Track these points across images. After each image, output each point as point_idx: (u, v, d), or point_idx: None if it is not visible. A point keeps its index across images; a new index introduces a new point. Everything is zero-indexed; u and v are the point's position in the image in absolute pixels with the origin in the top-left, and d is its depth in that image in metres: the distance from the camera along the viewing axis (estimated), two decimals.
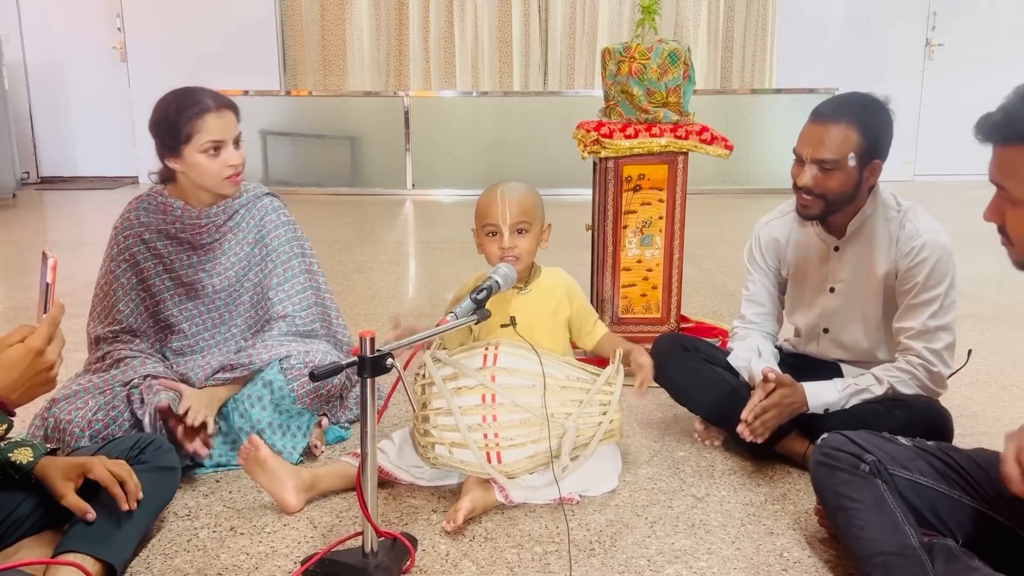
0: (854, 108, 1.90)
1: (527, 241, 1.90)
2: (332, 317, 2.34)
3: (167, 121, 2.00)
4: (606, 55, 2.74)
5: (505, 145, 7.21)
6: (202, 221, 2.12)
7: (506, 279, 1.80)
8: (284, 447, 2.05)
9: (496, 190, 1.92)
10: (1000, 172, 1.27)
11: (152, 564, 1.66)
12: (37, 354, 1.31)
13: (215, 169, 2.02)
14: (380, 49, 7.58)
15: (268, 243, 2.20)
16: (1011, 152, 1.25)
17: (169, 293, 2.14)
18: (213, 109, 2.00)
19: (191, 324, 2.16)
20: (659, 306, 2.80)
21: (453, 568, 1.64)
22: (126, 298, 2.11)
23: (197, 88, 2.04)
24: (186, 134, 1.99)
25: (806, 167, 1.93)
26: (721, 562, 1.66)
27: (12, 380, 1.30)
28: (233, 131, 2.04)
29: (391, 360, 1.47)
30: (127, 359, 2.05)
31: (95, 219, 6.02)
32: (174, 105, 2.00)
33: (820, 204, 1.95)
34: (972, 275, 2.60)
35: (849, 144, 1.88)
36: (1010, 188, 1.26)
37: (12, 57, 7.38)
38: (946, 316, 1.92)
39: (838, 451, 1.59)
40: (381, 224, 5.94)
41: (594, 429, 1.85)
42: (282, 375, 2.06)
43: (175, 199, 2.11)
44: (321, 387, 2.10)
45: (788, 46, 7.48)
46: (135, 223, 2.11)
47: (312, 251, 2.31)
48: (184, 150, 2.00)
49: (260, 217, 2.21)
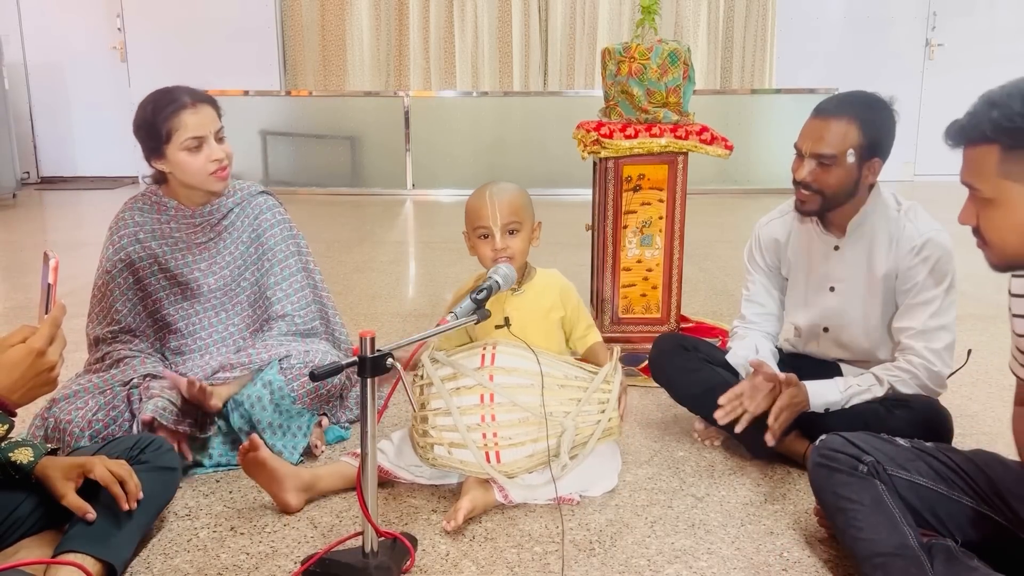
0: (856, 105, 1.91)
1: (519, 241, 1.90)
2: (330, 315, 2.34)
3: (146, 123, 2.00)
4: (606, 55, 2.74)
5: (505, 145, 7.21)
6: (196, 220, 2.13)
7: (506, 279, 1.80)
8: (284, 447, 2.05)
9: (485, 192, 1.92)
10: (970, 173, 1.31)
11: (152, 564, 1.66)
12: (38, 355, 1.31)
13: (198, 165, 2.02)
14: (380, 49, 7.58)
15: (264, 242, 2.21)
16: (978, 152, 1.28)
17: (165, 292, 2.14)
18: (189, 105, 1.99)
19: (188, 323, 2.16)
20: (659, 306, 2.80)
21: (453, 568, 1.64)
22: (123, 298, 2.11)
23: (174, 87, 2.04)
24: (165, 133, 1.99)
25: (805, 161, 1.93)
26: (721, 562, 1.66)
27: (13, 380, 1.30)
28: (213, 125, 2.03)
29: (391, 360, 1.47)
30: (127, 359, 2.06)
31: (95, 219, 6.02)
32: (151, 106, 2.00)
33: (818, 200, 1.95)
34: (972, 275, 2.59)
35: (849, 140, 1.88)
36: (981, 188, 1.29)
37: (12, 57, 7.38)
38: (946, 316, 1.92)
39: (836, 452, 1.59)
40: (381, 224, 5.94)
41: (593, 427, 1.85)
42: (282, 375, 2.06)
43: (169, 198, 2.12)
44: (321, 387, 2.10)
45: (788, 46, 7.48)
46: (130, 223, 2.12)
47: (308, 249, 2.31)
48: (167, 150, 2.01)
49: (255, 216, 2.21)
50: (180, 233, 2.13)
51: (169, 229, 2.13)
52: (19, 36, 7.60)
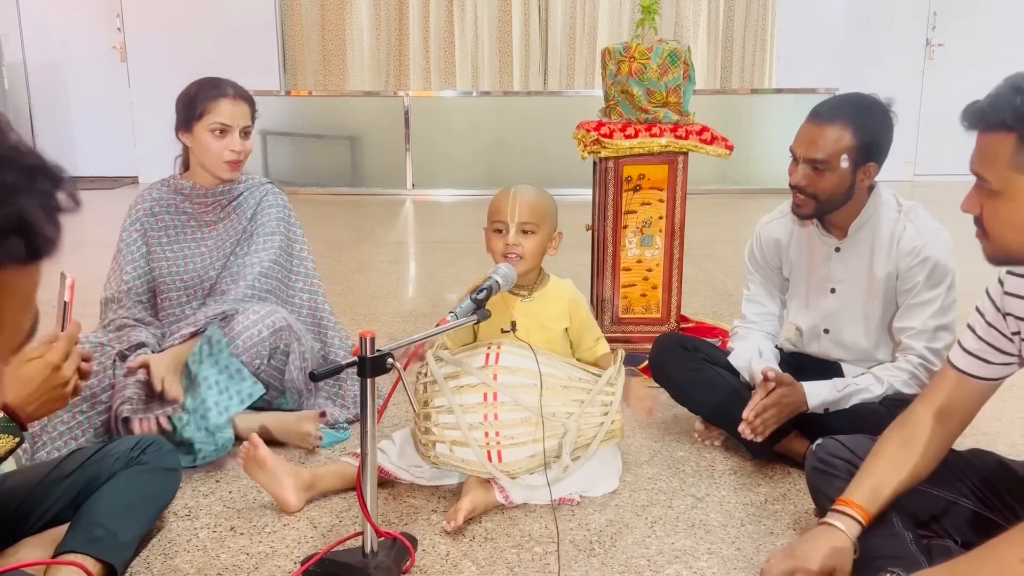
0: (850, 109, 1.90)
1: (532, 242, 1.89)
2: (319, 302, 2.39)
3: (188, 97, 2.20)
4: (606, 55, 2.74)
5: (505, 145, 7.21)
6: (208, 200, 2.29)
7: (506, 279, 1.80)
8: (216, 403, 2.04)
9: (510, 189, 1.93)
10: (981, 161, 1.27)
11: (152, 564, 1.66)
12: (54, 369, 1.34)
13: (216, 149, 2.18)
14: (380, 49, 7.58)
15: (258, 219, 2.32)
16: (992, 139, 1.24)
17: (168, 263, 2.25)
18: (230, 96, 2.20)
19: (185, 293, 2.25)
20: (659, 306, 2.80)
21: (453, 568, 1.64)
22: (132, 263, 2.26)
23: (224, 79, 2.25)
24: (199, 112, 2.17)
25: (799, 166, 1.93)
26: (721, 562, 1.66)
27: (28, 394, 1.33)
28: (243, 120, 2.21)
29: (391, 360, 1.47)
30: (126, 327, 2.17)
31: (95, 219, 6.00)
32: (197, 85, 2.21)
33: (812, 204, 1.95)
34: (972, 275, 2.59)
35: (842, 145, 1.88)
36: (989, 178, 1.25)
37: (12, 57, 7.38)
38: (946, 316, 1.92)
39: (833, 457, 1.59)
40: (381, 224, 5.93)
41: (595, 429, 1.85)
42: (220, 330, 2.11)
43: (187, 180, 2.28)
44: (262, 349, 2.11)
45: (788, 46, 7.48)
46: (148, 199, 2.30)
47: (305, 239, 2.41)
48: (195, 126, 2.18)
49: (259, 199, 2.34)
50: (192, 210, 2.29)
51: (184, 206, 2.29)
52: (19, 36, 7.59)
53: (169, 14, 7.33)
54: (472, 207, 6.46)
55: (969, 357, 1.46)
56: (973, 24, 7.36)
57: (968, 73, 7.12)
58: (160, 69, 7.10)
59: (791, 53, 7.48)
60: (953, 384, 1.48)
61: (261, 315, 2.13)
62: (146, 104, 7.28)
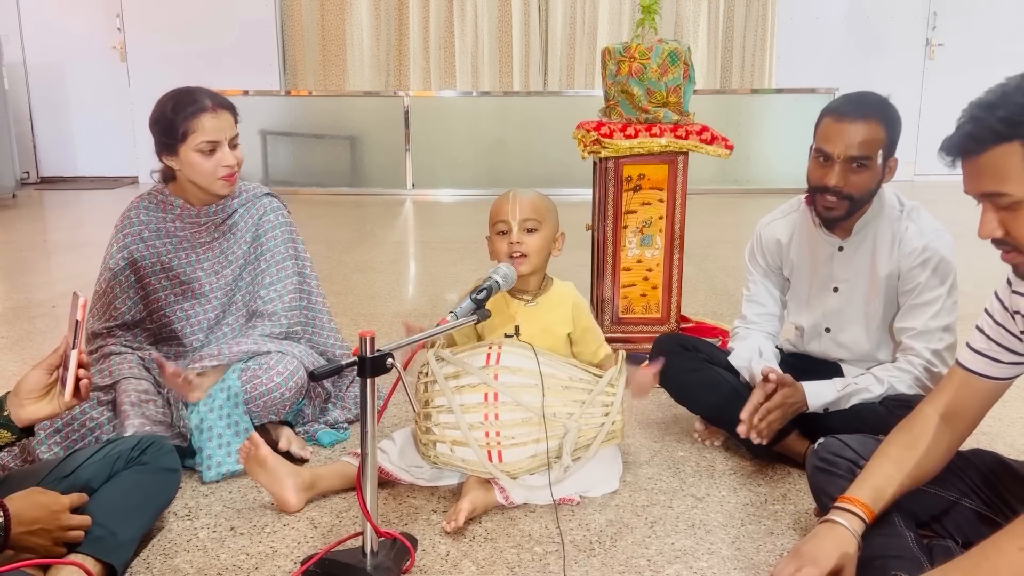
0: (877, 106, 1.89)
1: (535, 240, 1.90)
2: (324, 321, 2.33)
3: (164, 119, 2.01)
4: (606, 55, 2.74)
5: (505, 145, 7.21)
6: (201, 220, 2.15)
7: (506, 279, 1.80)
8: (210, 456, 1.99)
9: (510, 191, 1.95)
10: (992, 179, 1.21)
11: (152, 564, 1.66)
12: (62, 509, 1.44)
13: (209, 168, 2.03)
14: (380, 49, 7.58)
15: (264, 243, 2.21)
16: (996, 156, 1.19)
17: (166, 292, 2.15)
18: (210, 109, 2.01)
19: (187, 323, 2.16)
20: (659, 306, 2.80)
21: (453, 568, 1.64)
22: (124, 295, 2.13)
23: (196, 88, 2.05)
24: (182, 133, 2.00)
25: (836, 166, 1.88)
26: (721, 562, 1.66)
27: (28, 515, 1.40)
28: (229, 132, 2.05)
29: (391, 360, 1.47)
30: (112, 356, 2.08)
31: (95, 219, 6.02)
32: (171, 104, 2.02)
33: (846, 205, 1.91)
34: (972, 275, 2.59)
35: (879, 141, 1.87)
36: (1008, 190, 1.20)
37: (12, 57, 7.38)
38: (947, 317, 1.92)
39: (835, 456, 1.59)
40: (381, 224, 5.94)
41: (596, 430, 1.84)
42: (239, 381, 2.03)
43: (176, 197, 2.14)
44: (281, 408, 2.07)
45: (788, 46, 7.48)
46: (135, 221, 2.14)
47: (307, 255, 2.31)
48: (180, 149, 2.02)
49: (259, 217, 2.22)
50: (184, 232, 2.15)
51: (174, 228, 2.14)
52: (19, 36, 7.60)
53: (169, 14, 7.33)
54: (472, 207, 6.47)
55: (978, 356, 1.45)
56: (973, 24, 7.36)
57: (968, 73, 7.12)
58: (160, 69, 7.10)
59: (791, 53, 7.48)
60: (961, 384, 1.47)
61: (288, 372, 2.05)
62: (146, 104, 7.11)
